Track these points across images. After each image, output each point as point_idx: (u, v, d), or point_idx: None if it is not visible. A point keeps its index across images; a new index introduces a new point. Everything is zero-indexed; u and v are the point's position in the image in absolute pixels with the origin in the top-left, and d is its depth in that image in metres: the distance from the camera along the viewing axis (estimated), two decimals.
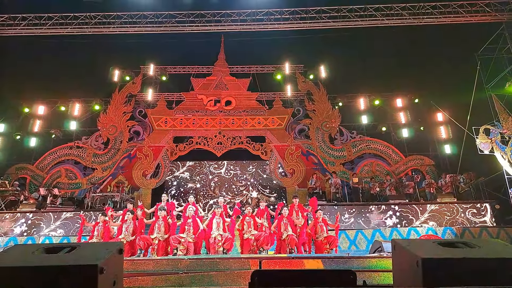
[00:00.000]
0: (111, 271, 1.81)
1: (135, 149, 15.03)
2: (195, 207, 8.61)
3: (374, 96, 15.81)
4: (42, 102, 15.63)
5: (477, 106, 12.56)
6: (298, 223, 8.21)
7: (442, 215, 11.07)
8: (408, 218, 11.09)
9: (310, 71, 16.11)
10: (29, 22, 12.97)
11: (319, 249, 7.98)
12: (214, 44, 16.38)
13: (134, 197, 13.57)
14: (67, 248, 1.95)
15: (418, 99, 15.77)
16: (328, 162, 14.75)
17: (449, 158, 14.68)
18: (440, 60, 14.02)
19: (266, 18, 13.26)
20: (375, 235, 10.45)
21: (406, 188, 12.36)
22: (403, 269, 1.95)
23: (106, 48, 14.75)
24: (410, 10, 12.72)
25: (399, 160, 14.76)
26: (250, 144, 15.28)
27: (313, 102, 15.78)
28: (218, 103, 15.78)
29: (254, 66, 16.45)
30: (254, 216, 8.21)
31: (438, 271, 1.72)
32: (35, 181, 14.42)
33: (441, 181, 12.57)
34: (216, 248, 7.70)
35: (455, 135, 14.40)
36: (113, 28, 13.23)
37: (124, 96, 15.82)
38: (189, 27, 13.33)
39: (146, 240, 7.84)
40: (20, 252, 1.97)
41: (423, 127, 15.68)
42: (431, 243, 2.01)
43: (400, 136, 15.35)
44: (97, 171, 14.60)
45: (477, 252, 1.87)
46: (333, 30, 13.26)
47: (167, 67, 16.39)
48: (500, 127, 11.61)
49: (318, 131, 15.32)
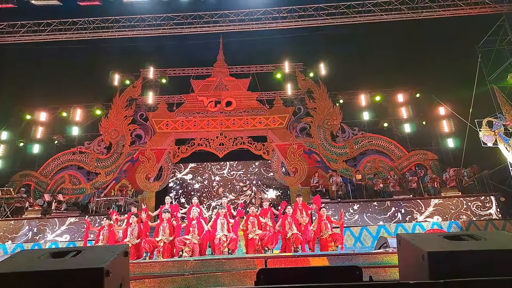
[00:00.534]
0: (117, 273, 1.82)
1: (137, 153, 15.07)
2: (199, 209, 8.62)
3: (375, 92, 15.77)
4: (43, 109, 15.71)
5: (479, 98, 12.50)
6: (302, 222, 8.21)
7: (447, 209, 11.03)
8: (412, 213, 11.05)
9: (310, 69, 16.07)
10: (28, 29, 13.04)
11: (324, 247, 7.98)
12: (212, 45, 16.40)
13: (138, 201, 13.61)
14: (73, 252, 1.96)
15: (419, 93, 15.70)
16: (331, 160, 14.73)
17: (452, 152, 14.61)
18: (440, 54, 13.97)
19: (264, 17, 13.26)
20: (380, 231, 10.43)
21: (409, 183, 12.32)
22: (409, 263, 1.94)
23: (105, 53, 14.82)
24: (409, 5, 12.67)
25: (402, 155, 14.71)
26: (252, 144, 15.27)
27: (314, 100, 15.75)
28: (219, 104, 15.79)
29: (253, 66, 16.44)
30: (258, 216, 8.21)
31: (444, 264, 1.72)
32: (40, 187, 14.49)
33: (445, 175, 12.52)
34: (221, 248, 7.71)
35: (457, 128, 14.34)
36: (112, 32, 13.27)
37: (125, 100, 15.86)
38: (187, 29, 13.35)
39: (152, 243, 7.86)
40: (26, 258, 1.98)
41: (425, 121, 15.61)
42: (437, 237, 2.01)
43: (403, 132, 15.30)
44: (101, 176, 14.65)
45: (482, 244, 1.87)
46: (331, 27, 13.24)
47: (167, 70, 16.41)
48: (503, 119, 11.55)
49: (319, 129, 15.29)
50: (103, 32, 13.21)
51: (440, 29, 13.79)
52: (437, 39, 14.12)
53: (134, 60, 15.85)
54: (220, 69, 16.39)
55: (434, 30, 13.97)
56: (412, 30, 13.65)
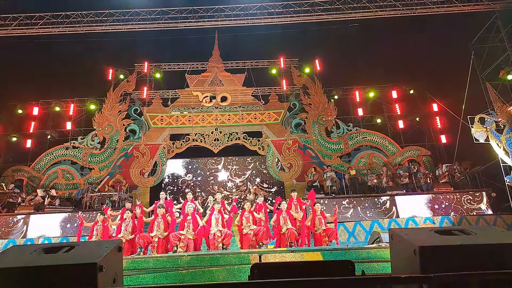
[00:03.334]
0: (111, 268, 1.81)
1: (131, 148, 14.98)
2: (194, 204, 8.62)
3: (369, 88, 15.84)
4: (36, 103, 15.49)
5: (472, 95, 12.61)
6: (297, 217, 8.25)
7: (439, 204, 11.17)
8: (405, 208, 11.17)
9: (305, 64, 16.06)
10: (20, 22, 12.80)
11: (318, 242, 8.03)
12: (208, 40, 16.29)
13: (132, 196, 13.56)
14: (66, 248, 1.95)
15: (413, 90, 15.81)
16: (325, 156, 14.79)
17: (445, 148, 14.77)
18: (434, 51, 14.03)
19: (259, 13, 13.18)
20: (373, 226, 10.53)
21: (401, 178, 12.45)
22: (401, 257, 1.97)
23: (99, 47, 14.61)
24: (403, 1, 12.69)
25: (395, 151, 14.83)
26: (247, 139, 15.27)
27: (309, 96, 15.77)
28: (214, 99, 15.74)
29: (248, 61, 16.38)
30: (252, 211, 8.24)
31: (435, 259, 1.74)
32: (32, 182, 14.34)
33: (438, 171, 12.66)
34: (216, 244, 7.72)
35: (450, 125, 14.48)
36: (106, 26, 13.08)
37: (119, 95, 15.72)
38: (182, 23, 13.21)
39: (146, 238, 7.85)
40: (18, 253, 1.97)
41: (419, 117, 15.75)
42: (428, 232, 2.04)
43: (396, 128, 15.41)
44: (94, 171, 14.55)
45: (473, 239, 1.90)
46: (326, 23, 13.22)
47: (161, 65, 16.27)
48: (495, 116, 11.67)
49: (314, 124, 15.34)
50: (97, 26, 13.02)
51: (434, 26, 13.85)
52: (431, 36, 14.18)
53: (128, 54, 15.71)
54: (215, 64, 16.31)
55: (428, 27, 14.02)
56: (407, 27, 13.69)
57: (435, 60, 13.81)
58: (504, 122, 11.51)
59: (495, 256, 1.76)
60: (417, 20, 13.22)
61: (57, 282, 1.68)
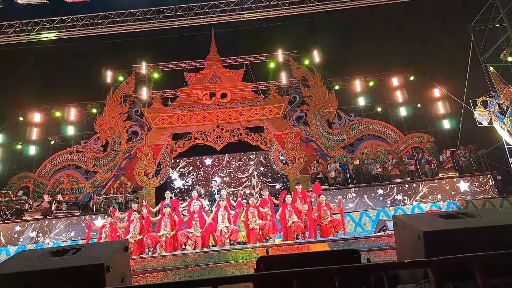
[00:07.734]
0: (118, 269, 1.83)
1: (134, 149, 15.03)
2: (200, 202, 8.66)
3: (369, 77, 15.72)
4: (37, 110, 15.54)
5: (473, 78, 12.49)
6: (302, 210, 8.26)
7: (444, 190, 11.13)
8: (411, 195, 11.15)
9: (304, 57, 15.94)
10: (16, 29, 12.82)
11: (325, 234, 8.05)
12: (204, 37, 16.21)
13: (138, 197, 13.63)
14: (73, 250, 1.97)
15: (413, 76, 15.66)
16: (328, 147, 14.76)
17: (448, 133, 14.67)
18: (432, 35, 13.88)
19: (254, 6, 13.10)
20: (379, 215, 10.53)
21: (407, 165, 12.40)
22: (406, 243, 1.97)
23: (96, 50, 14.61)
24: None
25: (398, 139, 14.76)
26: (249, 135, 15.26)
27: (309, 88, 15.69)
28: (214, 97, 15.70)
29: (246, 56, 16.27)
30: (257, 206, 8.26)
31: (440, 243, 1.74)
32: (38, 188, 14.46)
33: (442, 157, 12.60)
34: (223, 240, 7.77)
35: (453, 109, 14.36)
36: (101, 29, 13.08)
37: (119, 97, 15.74)
38: (178, 21, 13.17)
39: (154, 238, 7.90)
40: (27, 258, 1.99)
41: (420, 104, 15.62)
42: (432, 217, 2.03)
43: (398, 115, 15.32)
44: (99, 174, 14.64)
45: (477, 222, 1.89)
46: (323, 13, 13.11)
47: (159, 64, 16.22)
48: (498, 98, 11.57)
49: (316, 116, 15.29)
50: (93, 29, 13.02)
51: (432, 10, 13.69)
52: (429, 21, 14.02)
53: (126, 56, 15.65)
54: (213, 61, 16.25)
55: (426, 11, 13.86)
56: (404, 12, 13.54)
57: (435, 45, 13.67)
58: (507, 104, 11.42)
59: (500, 237, 1.76)
60: (415, 6, 13.07)
61: (67, 284, 1.70)
